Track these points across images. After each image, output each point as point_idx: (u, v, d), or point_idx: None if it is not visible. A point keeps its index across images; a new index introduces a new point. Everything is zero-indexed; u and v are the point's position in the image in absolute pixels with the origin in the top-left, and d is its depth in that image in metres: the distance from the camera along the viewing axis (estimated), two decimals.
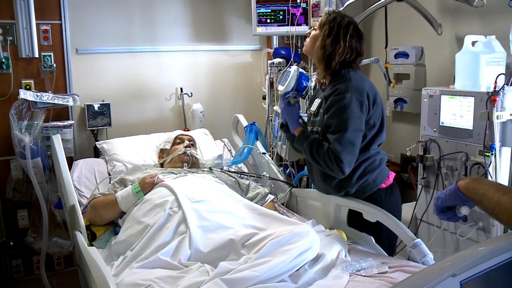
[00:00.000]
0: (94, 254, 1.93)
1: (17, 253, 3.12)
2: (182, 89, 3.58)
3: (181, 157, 2.70)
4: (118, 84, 3.40)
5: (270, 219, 2.11)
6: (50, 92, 3.00)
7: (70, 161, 2.92)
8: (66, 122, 3.06)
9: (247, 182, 2.71)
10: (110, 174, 2.84)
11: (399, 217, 2.28)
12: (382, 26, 3.53)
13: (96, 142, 3.15)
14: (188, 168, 2.64)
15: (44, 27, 3.01)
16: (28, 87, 2.97)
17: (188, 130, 3.40)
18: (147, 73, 3.50)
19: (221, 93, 3.78)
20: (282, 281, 1.73)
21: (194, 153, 2.76)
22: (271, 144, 3.26)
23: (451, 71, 2.86)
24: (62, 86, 3.11)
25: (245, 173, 2.95)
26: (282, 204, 2.73)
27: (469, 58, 2.66)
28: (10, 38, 2.90)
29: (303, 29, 3.16)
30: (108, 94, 3.32)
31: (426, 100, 2.88)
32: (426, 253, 1.89)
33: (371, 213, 2.13)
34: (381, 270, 1.81)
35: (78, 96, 3.08)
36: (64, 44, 3.09)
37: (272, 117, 3.26)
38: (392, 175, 2.31)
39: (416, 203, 3.00)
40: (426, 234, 2.92)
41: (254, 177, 2.87)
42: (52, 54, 3.04)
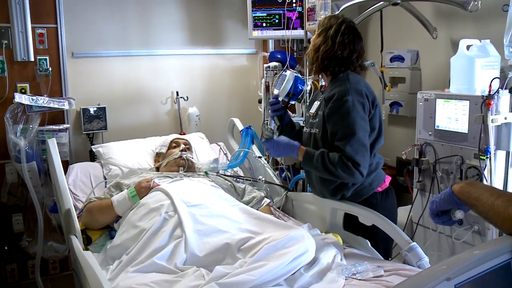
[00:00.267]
0: (89, 258, 1.92)
1: (11, 257, 3.11)
2: (178, 92, 3.58)
3: (177, 161, 2.69)
4: (114, 87, 3.40)
5: (265, 223, 2.11)
6: (45, 95, 2.99)
7: (66, 165, 2.91)
8: (61, 126, 3.06)
9: (243, 186, 2.71)
10: (105, 178, 2.83)
11: (395, 221, 2.28)
12: (377, 30, 3.54)
13: (91, 146, 3.15)
14: (184, 172, 2.64)
15: (39, 31, 3.01)
16: (23, 91, 2.97)
17: (184, 133, 3.40)
18: (143, 76, 3.51)
19: (217, 96, 3.78)
20: (278, 285, 1.73)
21: (190, 157, 2.75)
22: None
23: (446, 75, 2.87)
24: (57, 89, 3.11)
25: (241, 177, 2.95)
26: (278, 208, 2.72)
27: (464, 62, 2.67)
28: (6, 41, 2.91)
29: (299, 33, 3.17)
30: (104, 98, 3.32)
31: (421, 103, 2.89)
32: (422, 256, 1.90)
33: (367, 216, 2.14)
34: (376, 273, 1.82)
35: (74, 99, 3.08)
36: (59, 47, 3.09)
37: (268, 121, 3.26)
38: (388, 179, 2.31)
39: (411, 207, 3.00)
40: (422, 238, 2.92)
41: (250, 181, 2.87)
42: (47, 57, 3.04)
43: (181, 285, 1.72)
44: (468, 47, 2.69)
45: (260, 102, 3.58)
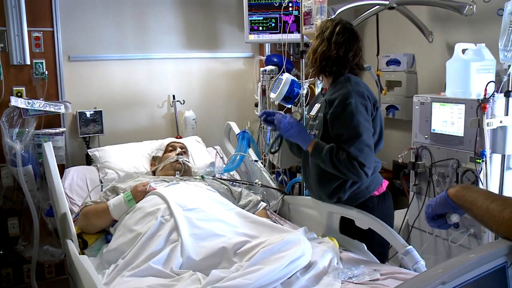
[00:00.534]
0: (85, 263, 1.92)
1: (7, 261, 3.10)
2: (174, 96, 3.58)
3: (173, 165, 2.69)
4: (111, 91, 3.40)
5: (262, 227, 2.11)
6: (41, 99, 2.98)
7: (62, 168, 2.91)
8: (57, 130, 3.05)
9: (239, 190, 2.70)
10: (102, 182, 2.83)
11: (392, 225, 2.29)
12: (373, 34, 3.55)
13: (88, 150, 3.14)
14: (180, 176, 2.64)
15: (36, 34, 3.00)
16: (19, 94, 2.96)
17: (180, 137, 3.39)
18: (140, 80, 3.50)
19: (213, 100, 3.78)
20: None
21: (186, 160, 2.75)
22: (263, 151, 3.26)
23: (442, 79, 2.88)
24: (54, 93, 3.10)
25: (237, 180, 2.95)
26: (274, 211, 2.72)
27: (459, 65, 2.68)
28: (1, 45, 2.90)
29: (295, 36, 3.17)
30: (100, 102, 3.32)
31: (417, 107, 2.90)
32: (418, 260, 1.90)
33: (363, 220, 2.14)
34: (373, 277, 1.82)
35: (70, 103, 3.07)
36: (56, 51, 3.08)
37: (264, 124, 3.26)
38: (385, 183, 2.31)
39: (408, 210, 3.01)
40: (418, 241, 2.93)
41: (246, 184, 2.87)
42: (44, 61, 3.03)
43: None
44: (463, 51, 2.70)
45: (256, 105, 3.58)
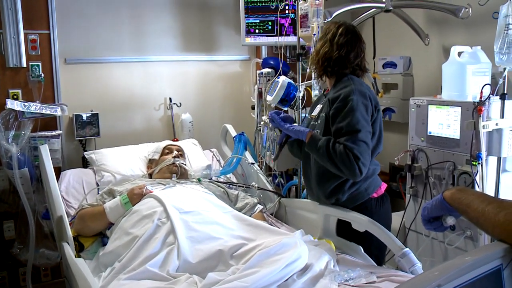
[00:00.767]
0: (81, 266, 1.91)
1: (2, 265, 3.08)
2: (171, 99, 3.58)
3: (169, 167, 2.69)
4: (107, 94, 3.39)
5: (258, 230, 2.11)
6: (38, 102, 2.98)
7: (58, 171, 2.90)
8: (54, 132, 3.05)
9: (236, 192, 2.70)
10: (98, 185, 2.82)
11: (389, 228, 2.29)
12: (370, 36, 3.56)
13: (84, 152, 3.13)
14: (176, 178, 2.63)
15: (32, 37, 2.99)
16: (15, 97, 2.95)
17: (177, 140, 3.39)
18: (136, 83, 3.50)
19: (210, 103, 3.78)
20: None
21: (183, 163, 2.75)
22: (260, 154, 3.26)
23: (438, 81, 2.88)
24: (50, 96, 3.09)
25: (234, 183, 2.94)
26: (271, 214, 2.72)
27: (455, 68, 2.69)
28: None
29: (292, 39, 3.18)
30: (96, 104, 3.31)
31: (413, 109, 2.91)
32: (415, 262, 1.90)
33: (360, 222, 2.14)
34: (369, 279, 1.82)
35: (67, 106, 3.06)
36: (52, 53, 3.07)
37: (261, 127, 3.26)
38: (384, 186, 2.32)
39: (404, 212, 3.01)
40: (414, 243, 2.93)
41: (243, 187, 2.87)
42: (40, 63, 3.03)
43: None
44: (459, 54, 2.71)
45: (253, 108, 3.58)
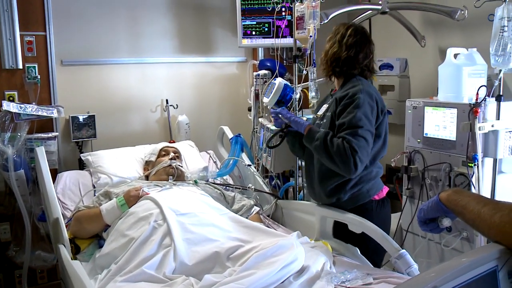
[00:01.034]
0: (77, 268, 1.91)
1: None
2: (167, 100, 3.57)
3: (166, 169, 2.69)
4: (104, 95, 3.39)
5: (255, 232, 2.11)
6: (34, 103, 2.96)
7: (54, 173, 2.89)
8: (50, 134, 3.04)
9: (233, 194, 2.70)
10: (94, 187, 2.82)
11: (388, 231, 2.28)
12: None
13: (81, 154, 3.12)
14: (173, 180, 2.63)
15: (28, 38, 2.98)
16: (11, 99, 2.94)
17: (173, 142, 3.39)
18: (133, 84, 3.50)
19: (206, 105, 3.78)
20: None
21: (179, 165, 2.75)
22: (257, 156, 3.26)
23: (435, 83, 2.89)
24: (46, 97, 3.08)
25: (230, 185, 2.94)
26: (268, 216, 2.72)
27: (451, 70, 2.69)
28: None
29: (288, 41, 3.18)
30: (93, 106, 3.31)
31: (410, 111, 2.91)
32: (411, 263, 1.90)
33: (356, 224, 2.14)
34: (365, 281, 1.82)
35: (63, 107, 3.05)
36: (48, 55, 3.07)
37: (257, 129, 3.26)
38: (385, 189, 2.31)
39: (401, 214, 3.01)
40: (411, 245, 2.93)
41: (240, 189, 2.87)
42: (36, 65, 3.02)
43: None
44: (455, 56, 2.72)
45: (250, 110, 3.58)
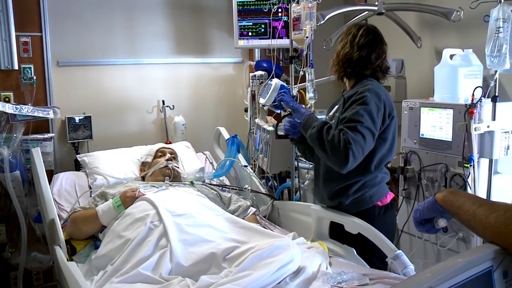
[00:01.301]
0: (73, 269, 1.91)
1: None
2: (164, 101, 3.57)
3: (162, 170, 2.69)
4: (100, 96, 3.39)
5: (251, 232, 2.10)
6: (30, 104, 2.96)
7: (50, 174, 2.89)
8: (46, 135, 3.03)
9: (229, 195, 2.70)
10: (91, 188, 2.81)
11: (392, 237, 2.23)
12: None
13: (77, 155, 3.12)
14: (169, 181, 2.63)
15: (24, 39, 2.98)
16: (7, 100, 2.94)
17: (170, 143, 3.38)
18: (129, 85, 3.50)
19: (203, 105, 3.78)
20: None
21: (176, 166, 2.74)
22: (253, 156, 3.26)
23: (431, 84, 2.90)
24: (42, 98, 3.08)
25: (226, 186, 2.94)
26: (264, 216, 2.72)
27: (447, 71, 2.70)
28: None
29: (285, 42, 3.18)
30: (89, 107, 3.30)
31: (406, 112, 2.92)
32: (407, 264, 1.90)
33: (352, 225, 2.14)
34: (362, 282, 1.82)
35: (59, 108, 3.05)
36: (44, 56, 3.07)
37: (254, 129, 3.26)
38: (390, 196, 2.26)
39: (397, 214, 3.01)
40: (407, 245, 2.94)
41: (236, 190, 2.87)
42: (32, 66, 3.02)
43: None
44: (451, 57, 2.73)
45: (246, 111, 3.58)
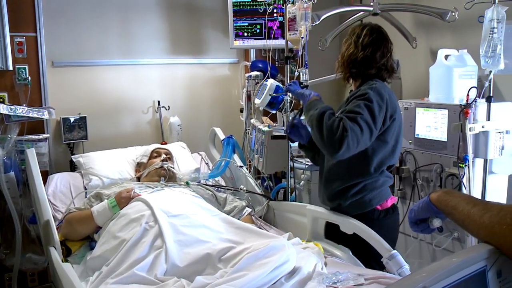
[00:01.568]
0: (68, 270, 1.90)
1: None
2: (159, 102, 3.57)
3: (158, 171, 2.68)
4: (95, 97, 3.38)
5: (247, 233, 2.10)
6: (24, 105, 2.95)
7: (45, 175, 2.87)
8: (41, 136, 3.02)
9: (224, 196, 2.70)
10: (86, 188, 2.80)
11: (393, 242, 2.20)
12: None
13: (72, 156, 3.11)
14: (165, 182, 2.62)
15: (18, 40, 2.97)
16: (1, 100, 2.93)
17: (165, 143, 3.38)
18: (124, 86, 3.49)
19: (198, 106, 3.78)
20: None
21: (171, 167, 2.74)
22: (248, 157, 3.26)
23: (426, 84, 2.91)
24: (37, 99, 3.07)
25: (222, 186, 2.94)
26: (260, 217, 2.72)
27: (442, 71, 2.71)
28: None
29: (280, 42, 3.18)
30: (84, 107, 3.29)
31: (401, 112, 2.91)
32: (402, 264, 1.90)
33: (347, 225, 2.14)
34: (357, 282, 1.81)
35: (54, 109, 3.04)
36: (39, 56, 3.06)
37: (249, 130, 3.26)
38: (391, 200, 2.24)
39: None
40: (403, 245, 2.94)
41: (232, 190, 2.87)
42: (27, 66, 3.00)
43: None
44: (446, 57, 2.74)
45: (241, 111, 3.58)
